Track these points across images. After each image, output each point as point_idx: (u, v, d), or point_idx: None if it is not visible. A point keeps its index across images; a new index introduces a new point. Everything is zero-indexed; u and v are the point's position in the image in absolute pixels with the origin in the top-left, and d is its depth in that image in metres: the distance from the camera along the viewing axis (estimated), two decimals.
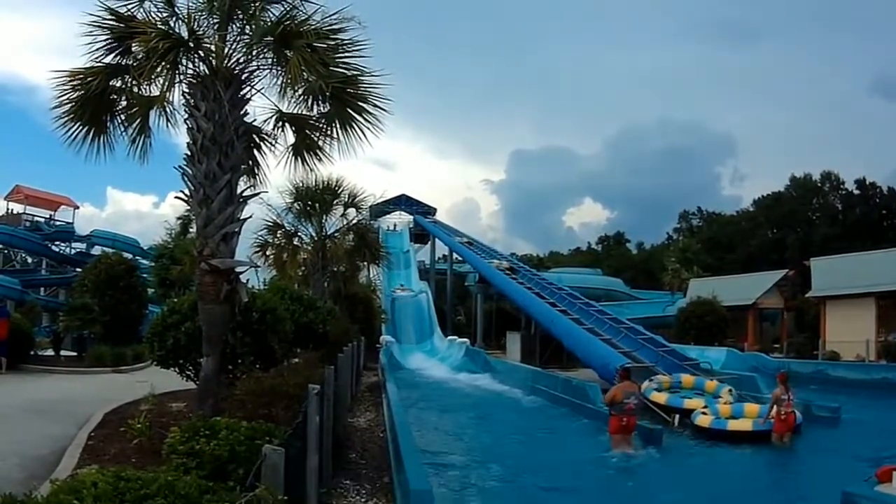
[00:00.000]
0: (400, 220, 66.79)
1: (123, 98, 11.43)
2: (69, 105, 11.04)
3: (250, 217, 11.59)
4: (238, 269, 10.99)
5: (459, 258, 57.85)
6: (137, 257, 41.42)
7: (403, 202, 67.24)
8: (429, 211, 67.81)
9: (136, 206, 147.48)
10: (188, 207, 11.84)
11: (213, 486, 4.89)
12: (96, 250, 45.93)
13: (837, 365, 27.97)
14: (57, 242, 52.95)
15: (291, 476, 5.06)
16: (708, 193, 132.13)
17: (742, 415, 18.18)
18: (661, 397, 19.95)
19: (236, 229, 10.87)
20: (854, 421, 17.71)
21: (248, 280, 12.73)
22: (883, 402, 21.10)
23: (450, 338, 45.12)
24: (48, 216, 54.75)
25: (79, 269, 38.18)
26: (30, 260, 53.90)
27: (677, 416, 17.81)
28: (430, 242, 63.54)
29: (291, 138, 12.67)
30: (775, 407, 15.87)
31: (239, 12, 10.78)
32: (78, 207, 58.24)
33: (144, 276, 33.08)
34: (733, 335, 39.22)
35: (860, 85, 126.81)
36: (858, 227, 65.41)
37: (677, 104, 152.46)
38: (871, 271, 34.12)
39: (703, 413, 18.06)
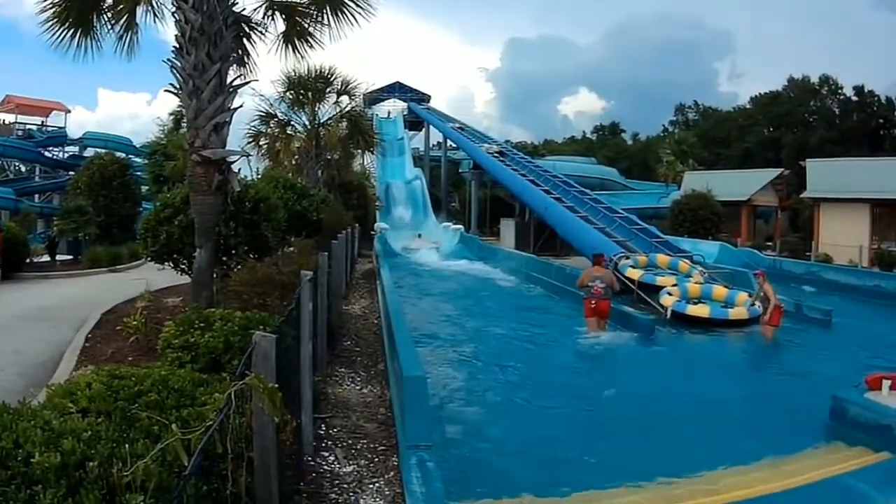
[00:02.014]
0: (394, 107, 65.62)
1: None
2: (55, 8, 10.82)
3: (241, 106, 11.45)
4: (230, 159, 10.87)
5: (454, 145, 57.31)
6: (131, 156, 40.98)
7: (397, 89, 65.94)
8: (423, 98, 66.60)
9: (128, 105, 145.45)
10: (179, 102, 11.61)
11: (206, 379, 4.93)
12: (89, 152, 45.29)
13: (830, 268, 27.79)
14: (50, 148, 52.49)
15: (284, 364, 5.09)
16: (705, 88, 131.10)
17: (710, 296, 19.04)
18: (635, 273, 20.68)
19: (227, 119, 10.75)
20: (845, 326, 17.65)
21: (239, 170, 12.60)
22: (875, 310, 21.02)
23: (444, 224, 45.22)
24: (40, 123, 54.38)
25: (72, 173, 37.85)
26: (23, 168, 53.39)
27: (670, 309, 18.03)
28: (424, 129, 62.75)
29: (282, 26, 12.49)
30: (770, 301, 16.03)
31: None
32: (69, 111, 58.18)
33: (138, 174, 32.86)
34: (727, 231, 39.15)
35: None
36: (855, 133, 64.59)
37: None
38: (868, 178, 33.73)
39: (669, 294, 18.80)
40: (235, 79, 11.27)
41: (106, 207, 27.39)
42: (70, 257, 25.37)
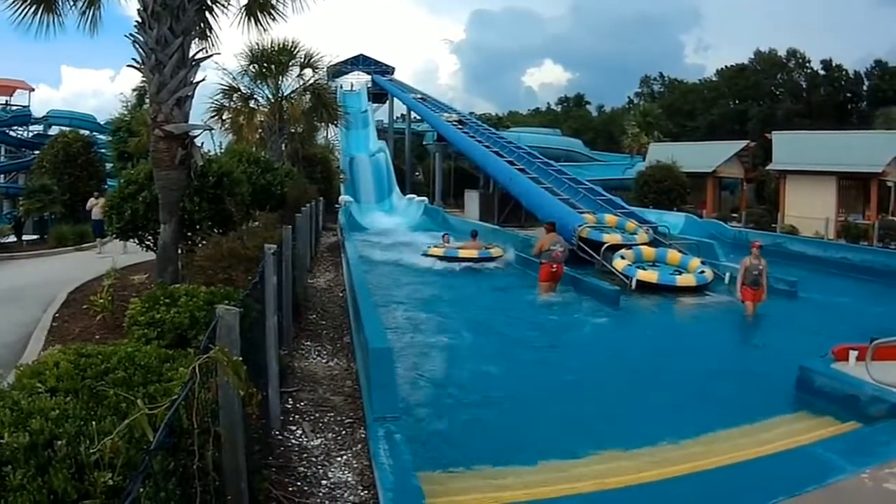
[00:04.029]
0: (357, 80, 65.12)
1: None
2: None
3: (203, 80, 11.39)
4: (193, 134, 10.80)
5: (418, 117, 57.09)
6: (95, 133, 40.37)
7: (361, 62, 65.37)
8: (387, 70, 66.10)
9: (92, 82, 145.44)
10: (142, 77, 11.52)
11: (172, 354, 4.93)
12: (54, 130, 44.62)
13: (796, 239, 27.82)
14: (14, 127, 51.44)
15: (250, 338, 5.11)
16: (670, 61, 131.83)
17: (665, 260, 19.92)
18: (583, 231, 21.73)
19: (190, 93, 10.70)
20: (811, 297, 17.88)
21: (202, 143, 12.53)
22: (842, 281, 21.17)
23: (408, 196, 45.11)
24: (3, 102, 53.20)
25: (37, 152, 37.30)
26: None
27: (635, 280, 18.24)
28: (388, 101, 62.35)
29: None
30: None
31: None
32: (33, 90, 56.65)
33: (103, 151, 32.50)
34: (692, 202, 39.42)
35: None
36: (822, 107, 65.41)
37: None
38: (834, 151, 33.81)
39: (622, 257, 19.46)
40: (198, 52, 11.20)
41: (71, 186, 27.18)
42: (36, 237, 25.25)
